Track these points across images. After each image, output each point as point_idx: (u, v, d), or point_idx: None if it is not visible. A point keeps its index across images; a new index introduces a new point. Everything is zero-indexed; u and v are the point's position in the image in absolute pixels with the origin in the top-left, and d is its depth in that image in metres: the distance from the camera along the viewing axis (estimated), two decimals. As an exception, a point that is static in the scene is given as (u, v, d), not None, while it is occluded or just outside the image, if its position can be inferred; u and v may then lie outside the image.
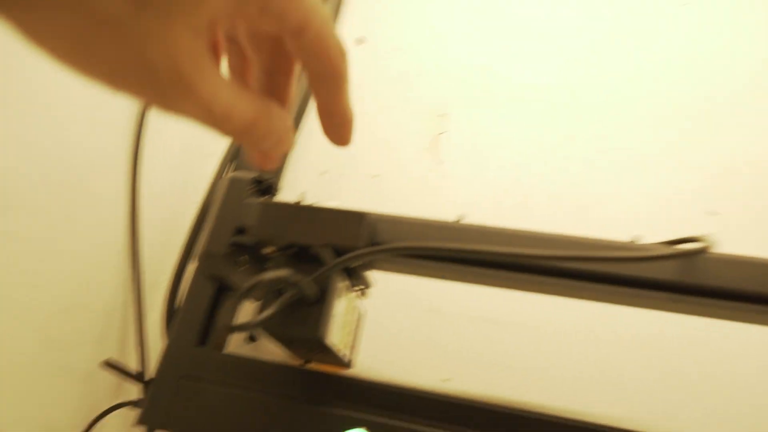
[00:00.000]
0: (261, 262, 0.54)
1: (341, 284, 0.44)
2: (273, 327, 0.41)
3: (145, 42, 0.17)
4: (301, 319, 0.41)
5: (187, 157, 0.66)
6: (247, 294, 0.34)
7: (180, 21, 0.18)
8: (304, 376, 0.47)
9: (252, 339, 0.60)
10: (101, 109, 0.51)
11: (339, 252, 0.44)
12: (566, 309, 0.56)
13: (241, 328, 0.35)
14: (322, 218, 0.44)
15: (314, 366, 0.52)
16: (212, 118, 0.20)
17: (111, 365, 0.44)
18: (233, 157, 0.58)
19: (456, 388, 0.54)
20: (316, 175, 0.67)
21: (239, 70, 0.27)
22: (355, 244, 0.42)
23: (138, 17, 0.17)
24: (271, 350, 0.60)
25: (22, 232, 0.42)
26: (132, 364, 0.60)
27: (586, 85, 0.70)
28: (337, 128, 0.28)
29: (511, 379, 0.54)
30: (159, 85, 0.18)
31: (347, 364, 0.50)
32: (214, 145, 0.70)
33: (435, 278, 0.50)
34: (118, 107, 0.54)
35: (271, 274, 0.35)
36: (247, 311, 0.60)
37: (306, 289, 0.40)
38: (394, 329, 0.58)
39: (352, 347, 0.50)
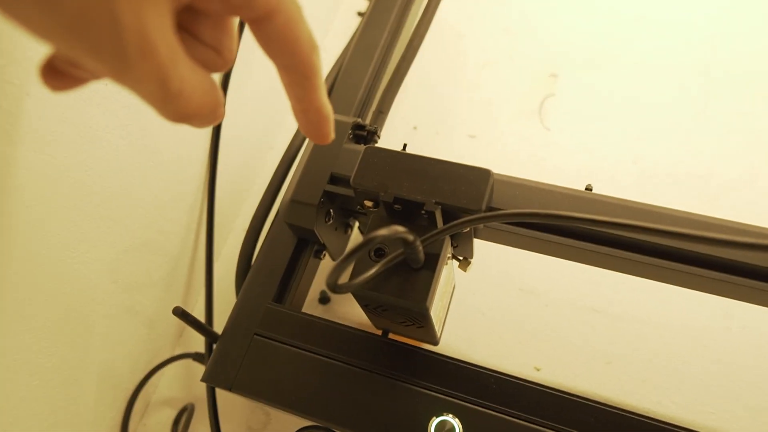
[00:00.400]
0: (347, 217, 0.49)
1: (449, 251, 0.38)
2: (371, 291, 0.36)
3: (115, 11, 0.16)
4: (407, 286, 0.35)
5: (269, 102, 0.61)
6: (359, 250, 0.29)
7: None
8: (387, 348, 0.41)
9: (324, 300, 0.55)
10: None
11: (449, 213, 0.38)
12: (683, 303, 0.49)
13: (344, 288, 0.30)
14: (437, 172, 0.38)
15: (395, 338, 0.46)
16: (163, 92, 0.19)
17: (182, 314, 0.40)
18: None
19: (550, 379, 0.48)
20: (407, 129, 0.61)
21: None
22: (478, 206, 0.36)
23: None
24: (341, 314, 0.55)
25: (93, 164, 0.38)
26: (195, 311, 0.56)
27: (721, 53, 0.60)
28: (314, 125, 0.27)
29: (609, 375, 0.48)
30: (119, 45, 0.17)
31: (436, 341, 0.45)
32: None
33: (543, 254, 0.43)
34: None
35: (386, 231, 0.29)
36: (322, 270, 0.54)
37: (420, 253, 0.34)
38: (482, 306, 0.51)
39: (443, 323, 0.44)
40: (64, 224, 0.37)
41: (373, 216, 0.38)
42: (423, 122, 0.61)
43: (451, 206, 0.36)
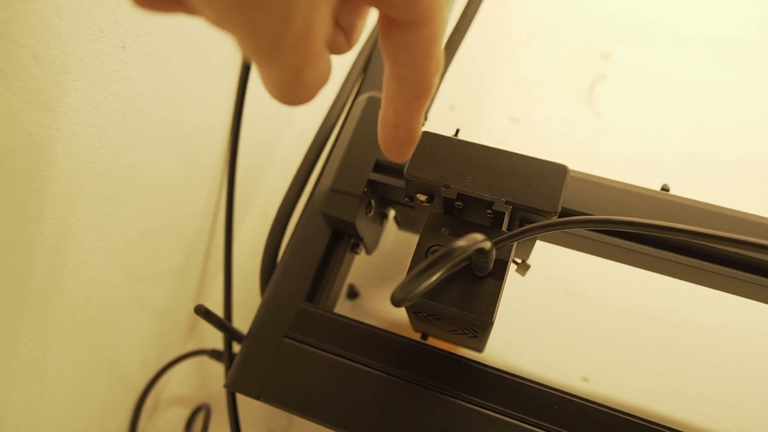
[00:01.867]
0: (385, 206, 0.44)
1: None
2: (430, 301, 0.31)
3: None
4: (471, 296, 0.31)
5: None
6: (436, 266, 0.24)
7: None
8: (431, 357, 0.37)
9: (352, 295, 0.50)
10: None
11: (516, 213, 0.33)
12: (748, 316, 0.45)
13: (407, 300, 0.25)
14: (505, 166, 0.33)
15: (435, 342, 0.42)
16: (294, 80, 0.18)
17: (205, 313, 0.35)
18: (361, 71, 0.46)
19: (599, 391, 0.45)
20: (442, 109, 0.55)
21: None
22: (553, 207, 0.31)
23: None
24: (370, 311, 0.50)
25: (105, 139, 0.32)
26: (209, 301, 0.51)
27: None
28: (398, 143, 0.25)
29: (663, 388, 0.44)
30: (282, 31, 0.16)
31: (482, 349, 0.41)
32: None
33: (602, 257, 0.39)
34: None
35: (465, 242, 0.25)
36: (356, 267, 0.50)
37: (491, 261, 0.29)
38: (526, 310, 0.47)
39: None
40: (69, 210, 0.32)
41: (430, 214, 0.33)
42: (461, 102, 0.56)
43: (522, 206, 0.32)
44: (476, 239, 0.25)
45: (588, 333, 0.46)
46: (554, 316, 0.47)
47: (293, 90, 0.19)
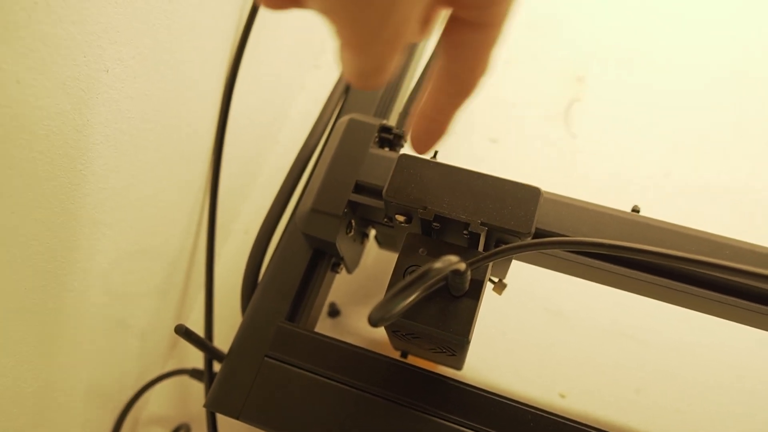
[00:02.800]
0: (365, 226, 0.45)
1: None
2: (407, 320, 0.32)
3: None
4: (447, 315, 0.32)
5: (276, 91, 0.56)
6: (412, 287, 0.25)
7: None
8: (410, 375, 0.37)
9: (333, 314, 0.51)
10: (200, 38, 0.40)
11: (491, 234, 0.34)
12: (719, 331, 0.46)
13: (383, 321, 0.26)
14: (480, 188, 0.34)
15: (414, 360, 0.43)
16: (372, 68, 0.19)
17: (185, 333, 0.35)
18: (343, 93, 0.47)
19: (577, 407, 0.45)
20: (423, 130, 0.56)
21: None
22: (527, 229, 0.32)
23: None
24: (351, 329, 0.51)
25: (88, 161, 0.33)
26: (191, 320, 0.51)
27: (763, 55, 0.57)
28: (430, 135, 0.27)
29: (639, 404, 0.45)
30: (380, 27, 0.17)
31: (461, 367, 0.41)
32: (306, 78, 0.60)
33: (577, 277, 0.40)
34: (216, 34, 0.43)
35: (440, 264, 0.25)
36: (337, 285, 0.50)
37: (467, 281, 0.30)
38: (504, 326, 0.48)
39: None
40: (50, 231, 0.32)
41: (408, 235, 0.34)
42: (441, 122, 0.57)
43: (497, 228, 0.33)
44: (451, 261, 0.26)
45: (565, 350, 0.47)
46: (532, 333, 0.47)
47: (374, 77, 0.20)
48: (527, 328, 0.48)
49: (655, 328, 0.47)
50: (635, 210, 0.38)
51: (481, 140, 0.55)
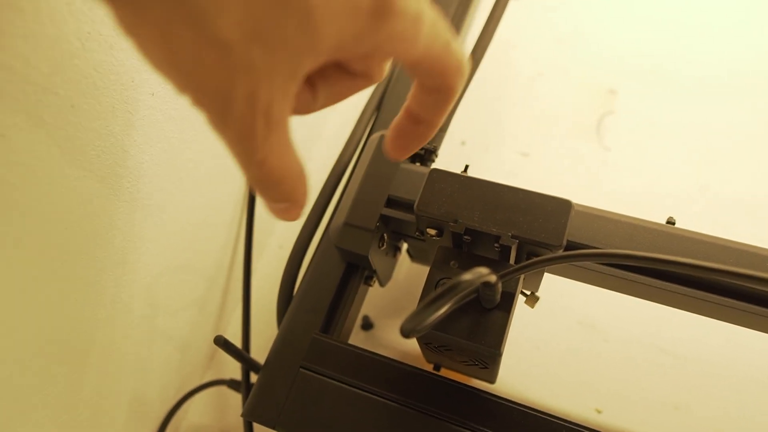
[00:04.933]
0: (398, 240, 0.45)
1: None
2: (439, 332, 0.32)
3: (234, 78, 0.16)
4: (479, 327, 0.32)
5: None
6: (442, 299, 0.25)
7: (283, 67, 0.17)
8: (443, 387, 0.38)
9: (367, 327, 0.51)
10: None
11: (522, 246, 0.34)
12: (762, 348, 0.45)
13: (415, 332, 0.26)
14: (511, 201, 0.34)
15: (448, 373, 0.43)
16: (248, 157, 0.18)
17: (224, 343, 0.36)
18: (375, 110, 0.48)
19: (613, 423, 0.45)
20: (454, 144, 0.57)
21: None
22: (559, 241, 0.32)
23: (244, 51, 0.16)
24: (384, 342, 0.51)
25: (136, 182, 0.35)
26: (229, 332, 0.53)
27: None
28: (414, 137, 0.26)
29: (678, 421, 0.44)
30: (225, 118, 0.17)
31: (494, 380, 0.41)
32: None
33: (612, 290, 0.40)
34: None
35: (470, 276, 0.26)
36: (370, 299, 0.51)
37: (498, 293, 0.30)
38: (538, 340, 0.48)
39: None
40: (99, 246, 0.34)
41: (439, 248, 0.35)
42: (472, 137, 0.57)
43: (528, 240, 0.33)
44: (482, 273, 0.27)
45: (600, 364, 0.46)
46: (566, 346, 0.47)
47: (256, 174, 0.19)
48: (561, 341, 0.47)
49: (695, 342, 0.46)
50: (670, 222, 0.38)
51: (512, 154, 0.56)
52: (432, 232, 0.36)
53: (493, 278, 0.28)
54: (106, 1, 0.16)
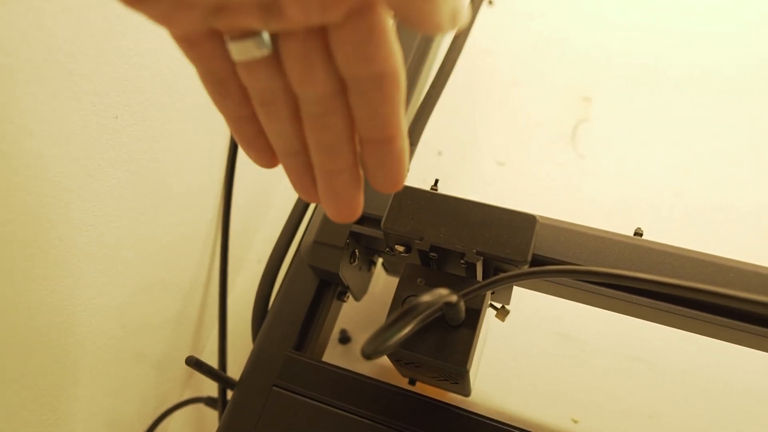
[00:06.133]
0: (371, 254, 0.45)
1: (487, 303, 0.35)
2: (405, 350, 0.32)
3: None
4: (445, 345, 0.32)
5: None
6: (402, 320, 0.26)
7: None
8: (417, 404, 0.38)
9: (344, 340, 0.51)
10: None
11: (489, 262, 0.34)
12: (733, 357, 0.45)
13: (379, 353, 0.26)
14: (476, 217, 0.34)
15: (422, 388, 0.43)
16: None
17: (196, 363, 0.36)
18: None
19: (589, 434, 0.45)
20: (430, 155, 0.57)
21: None
22: (524, 257, 0.32)
23: None
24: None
25: (103, 206, 0.35)
26: (206, 350, 0.53)
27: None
28: (384, 162, 0.20)
29: (653, 430, 0.44)
30: None
31: (468, 393, 0.41)
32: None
33: (584, 304, 0.40)
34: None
35: (429, 297, 0.26)
36: (348, 312, 0.51)
37: (461, 312, 0.30)
38: (515, 351, 0.48)
39: (476, 373, 0.41)
40: (65, 270, 0.34)
41: (406, 265, 0.35)
42: (448, 147, 0.58)
43: (493, 257, 0.33)
44: (441, 294, 0.27)
45: (577, 374, 0.47)
46: (543, 357, 0.47)
47: None
48: (538, 352, 0.48)
49: (669, 352, 0.46)
50: (638, 233, 0.38)
51: (488, 163, 0.56)
52: (400, 248, 0.36)
53: (453, 298, 0.28)
54: None
